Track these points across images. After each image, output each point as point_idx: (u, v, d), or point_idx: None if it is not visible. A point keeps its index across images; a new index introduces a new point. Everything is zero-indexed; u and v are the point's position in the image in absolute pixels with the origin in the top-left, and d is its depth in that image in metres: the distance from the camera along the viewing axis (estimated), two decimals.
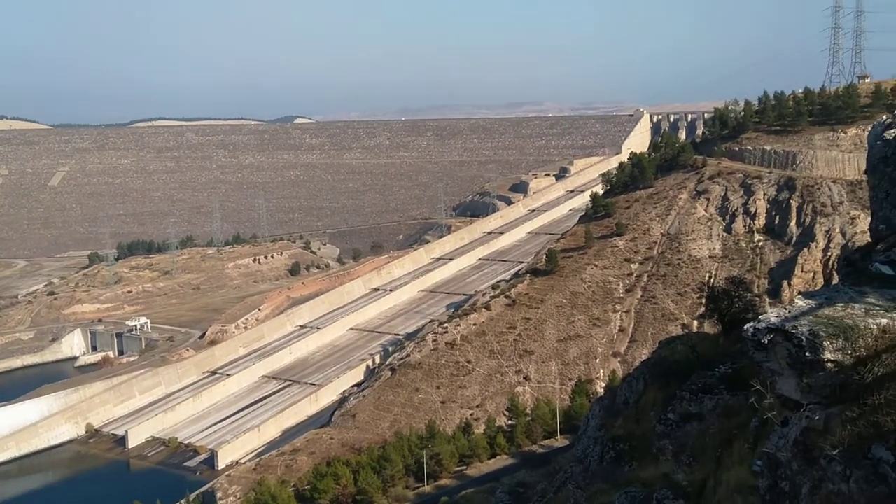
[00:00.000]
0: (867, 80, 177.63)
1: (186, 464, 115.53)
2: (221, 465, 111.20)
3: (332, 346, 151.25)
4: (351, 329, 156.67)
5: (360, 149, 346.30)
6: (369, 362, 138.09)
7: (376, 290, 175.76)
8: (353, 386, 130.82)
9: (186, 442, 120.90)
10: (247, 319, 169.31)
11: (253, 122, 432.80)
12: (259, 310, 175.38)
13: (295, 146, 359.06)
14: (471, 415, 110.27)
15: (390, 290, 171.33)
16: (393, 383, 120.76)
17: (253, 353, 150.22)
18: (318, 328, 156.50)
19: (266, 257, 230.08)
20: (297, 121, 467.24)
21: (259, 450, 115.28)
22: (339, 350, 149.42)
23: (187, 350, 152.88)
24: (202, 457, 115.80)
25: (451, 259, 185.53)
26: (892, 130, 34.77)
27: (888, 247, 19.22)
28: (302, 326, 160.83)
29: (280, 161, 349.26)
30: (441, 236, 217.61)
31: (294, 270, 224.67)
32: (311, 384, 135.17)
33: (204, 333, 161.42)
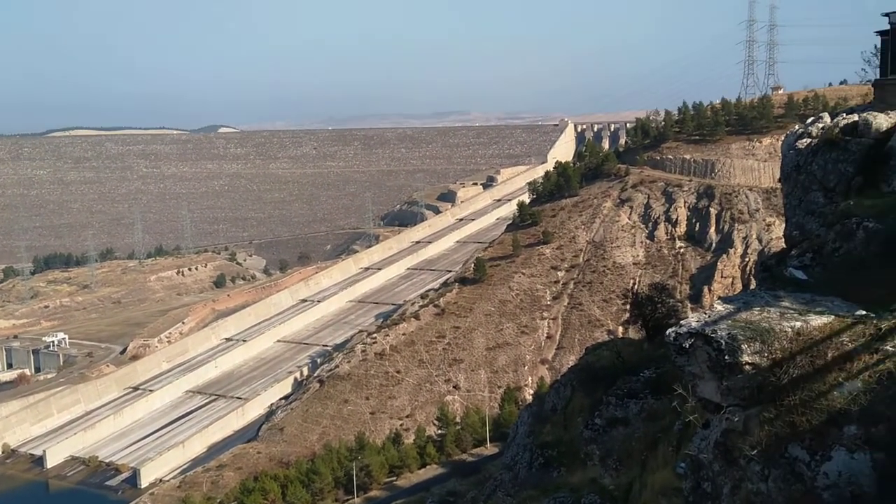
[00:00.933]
0: (780, 91, 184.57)
1: (108, 483, 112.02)
2: (144, 483, 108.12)
3: (259, 359, 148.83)
4: (278, 341, 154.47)
5: (286, 158, 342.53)
6: (297, 374, 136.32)
7: (304, 301, 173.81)
8: (280, 399, 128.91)
9: (108, 460, 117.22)
10: (170, 333, 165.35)
11: (175, 132, 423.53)
12: (183, 323, 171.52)
13: (219, 156, 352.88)
14: (400, 425, 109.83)
15: (318, 301, 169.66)
16: (321, 395, 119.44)
17: (177, 367, 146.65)
18: (245, 341, 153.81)
19: (190, 269, 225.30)
20: (221, 130, 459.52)
21: (183, 466, 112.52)
22: (266, 363, 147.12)
23: (108, 366, 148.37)
24: (124, 475, 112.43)
25: (379, 269, 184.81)
26: (804, 140, 36.00)
27: (801, 252, 19.87)
28: (228, 339, 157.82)
29: (204, 171, 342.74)
30: (369, 246, 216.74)
31: (219, 282, 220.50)
32: (237, 398, 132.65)
33: (125, 348, 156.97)
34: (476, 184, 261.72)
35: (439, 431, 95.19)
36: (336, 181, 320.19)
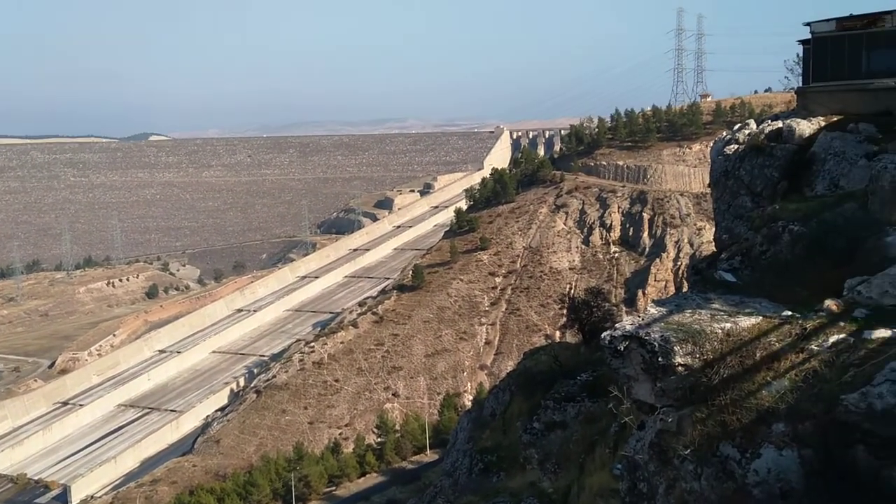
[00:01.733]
0: (709, 99, 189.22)
1: (37, 501, 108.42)
2: (75, 500, 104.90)
3: (194, 371, 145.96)
4: (214, 352, 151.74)
5: (220, 166, 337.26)
6: (233, 385, 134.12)
7: (240, 310, 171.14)
8: (216, 410, 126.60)
9: (36, 478, 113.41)
10: (101, 346, 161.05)
11: (104, 140, 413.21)
12: (114, 335, 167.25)
13: (150, 164, 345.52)
14: (339, 434, 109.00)
15: (254, 311, 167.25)
16: (259, 406, 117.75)
17: (108, 380, 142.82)
18: (179, 352, 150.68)
19: (121, 280, 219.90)
20: (153, 138, 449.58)
21: (116, 482, 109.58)
22: (201, 374, 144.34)
23: (35, 380, 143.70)
24: (54, 493, 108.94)
25: (316, 277, 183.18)
26: (732, 146, 36.86)
27: (731, 255, 20.37)
28: (161, 351, 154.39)
29: (134, 180, 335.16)
30: (306, 254, 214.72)
31: (151, 293, 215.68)
32: (171, 411, 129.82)
33: (53, 362, 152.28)
34: (413, 191, 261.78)
35: (379, 439, 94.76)
36: (271, 189, 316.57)
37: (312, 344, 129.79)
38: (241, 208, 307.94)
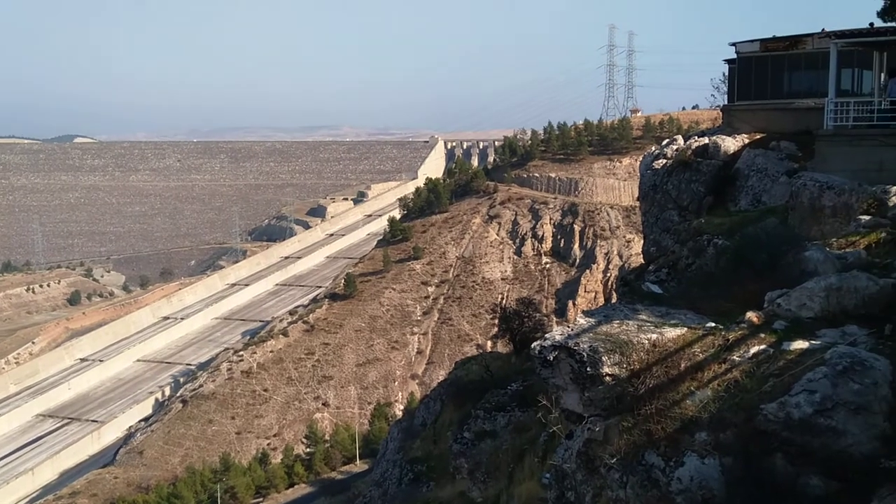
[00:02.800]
0: (638, 114, 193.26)
1: None
2: None
3: (118, 380, 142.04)
4: (138, 360, 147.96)
5: (148, 171, 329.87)
6: (158, 395, 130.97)
7: (166, 318, 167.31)
8: (140, 421, 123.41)
9: None
10: (19, 354, 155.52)
11: (26, 141, 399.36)
12: (33, 343, 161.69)
13: (75, 167, 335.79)
14: (268, 444, 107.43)
15: (181, 319, 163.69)
16: (184, 416, 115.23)
17: (26, 390, 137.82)
18: (102, 361, 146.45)
19: (41, 286, 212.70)
20: (78, 140, 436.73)
21: (33, 495, 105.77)
22: (124, 383, 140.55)
23: None
24: None
25: (246, 285, 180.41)
26: (660, 161, 37.62)
27: (658, 267, 20.80)
28: (83, 359, 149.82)
29: (58, 183, 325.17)
30: (236, 261, 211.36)
31: (74, 300, 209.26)
32: (92, 421, 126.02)
33: None
34: (347, 199, 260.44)
35: (308, 450, 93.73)
36: (201, 195, 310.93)
37: (241, 353, 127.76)
38: (170, 214, 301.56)
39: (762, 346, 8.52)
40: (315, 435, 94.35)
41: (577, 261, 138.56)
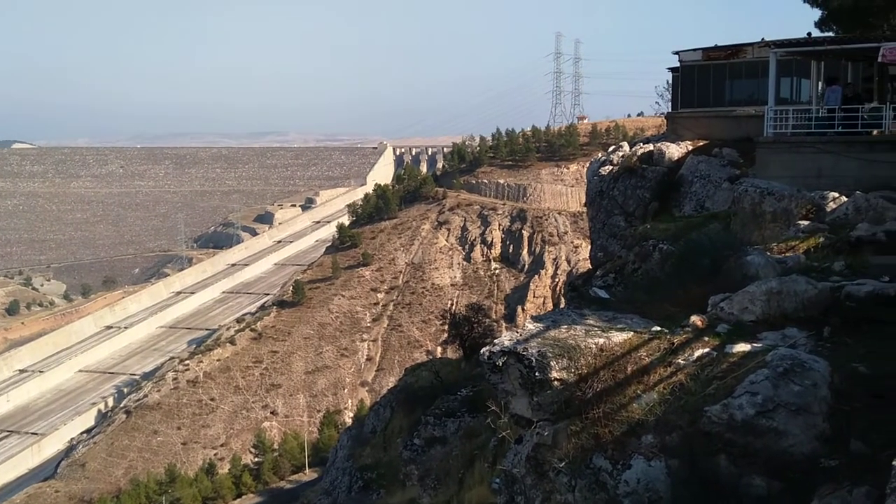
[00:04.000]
0: (585, 121, 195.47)
1: None
2: None
3: (59, 391, 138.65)
4: (80, 371, 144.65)
5: (90, 177, 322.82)
6: (101, 406, 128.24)
7: (109, 327, 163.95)
8: (82, 433, 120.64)
9: None
10: None
11: None
12: None
13: (13, 173, 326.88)
14: (215, 454, 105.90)
15: (125, 328, 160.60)
16: (129, 427, 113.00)
17: None
18: (42, 371, 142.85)
19: None
20: (16, 146, 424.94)
21: None
22: (66, 394, 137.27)
23: None
24: None
25: (192, 293, 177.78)
26: (607, 167, 38.15)
27: (605, 273, 21.06)
28: (22, 370, 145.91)
29: None
30: (182, 269, 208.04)
31: (12, 309, 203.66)
32: (32, 433, 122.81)
33: None
34: (295, 205, 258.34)
35: (256, 459, 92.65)
36: (145, 201, 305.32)
37: (187, 362, 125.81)
38: (113, 221, 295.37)
39: (706, 350, 8.67)
40: (263, 444, 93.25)
41: (526, 266, 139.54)
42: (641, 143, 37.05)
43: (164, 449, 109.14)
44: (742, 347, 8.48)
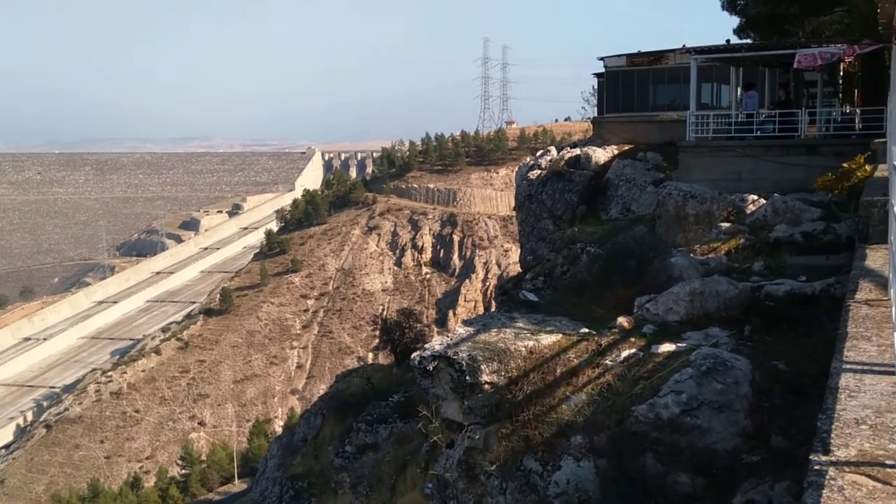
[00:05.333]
0: (513, 126, 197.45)
1: None
2: None
3: None
4: None
5: (5, 184, 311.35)
6: (20, 420, 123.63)
7: (27, 339, 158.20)
8: (0, 448, 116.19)
9: None
10: None
11: None
12: None
13: None
14: (140, 468, 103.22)
15: (44, 339, 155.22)
16: (49, 441, 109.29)
17: None
18: None
19: None
20: None
21: None
22: None
23: None
24: None
25: (115, 302, 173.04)
26: (535, 171, 38.47)
27: (534, 276, 21.21)
28: None
29: None
30: (104, 278, 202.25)
31: None
32: None
33: None
34: (221, 212, 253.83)
35: (183, 471, 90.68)
36: (64, 209, 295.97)
37: (110, 373, 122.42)
38: (30, 229, 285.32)
39: (633, 350, 8.81)
40: (190, 456, 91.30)
41: (457, 271, 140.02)
42: (569, 148, 37.59)
43: (86, 463, 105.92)
44: (667, 347, 8.64)
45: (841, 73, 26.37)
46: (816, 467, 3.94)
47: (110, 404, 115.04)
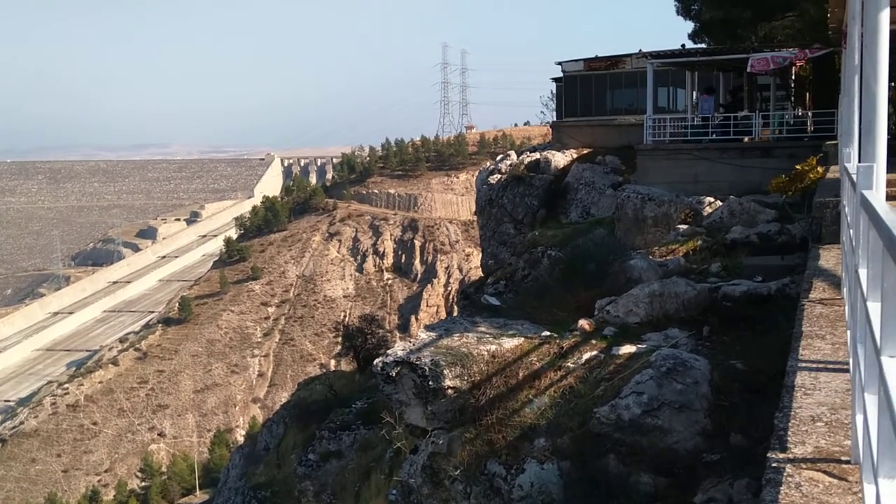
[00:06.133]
0: (473, 131, 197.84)
1: None
2: None
3: None
4: None
5: None
6: None
7: None
8: None
9: None
10: None
11: None
12: None
13: None
14: (99, 481, 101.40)
15: None
16: (4, 456, 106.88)
17: None
18: None
19: None
20: None
21: None
22: None
23: None
24: None
25: (71, 313, 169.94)
26: (496, 176, 38.60)
27: (496, 280, 21.26)
28: None
29: None
30: (59, 288, 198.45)
31: None
32: None
33: None
34: (179, 219, 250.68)
35: (143, 484, 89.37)
36: (17, 218, 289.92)
37: (66, 385, 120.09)
38: None
39: (594, 352, 8.88)
40: (150, 467, 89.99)
41: (419, 276, 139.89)
42: (528, 152, 37.78)
43: (43, 478, 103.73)
44: (628, 349, 8.72)
45: (793, 77, 26.89)
46: (774, 464, 4.00)
47: (67, 417, 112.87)
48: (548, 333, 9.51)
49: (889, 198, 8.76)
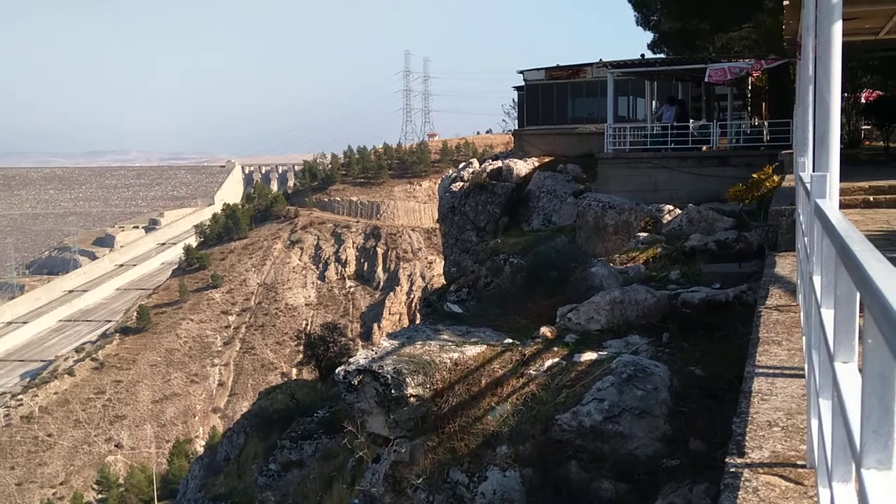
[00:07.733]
0: (436, 138, 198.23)
1: None
2: None
3: None
4: None
5: None
6: None
7: None
8: None
9: None
10: None
11: None
12: None
13: None
14: (54, 494, 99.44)
15: None
16: None
17: None
18: None
19: None
20: None
21: None
22: None
23: None
24: None
25: (25, 322, 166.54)
26: (458, 184, 38.72)
27: (458, 287, 21.30)
28: None
29: None
30: (12, 298, 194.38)
31: None
32: None
33: None
34: (137, 227, 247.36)
35: (100, 496, 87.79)
36: None
37: (20, 396, 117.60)
38: None
39: (556, 360, 8.93)
40: (107, 479, 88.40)
41: (381, 283, 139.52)
42: (490, 160, 37.94)
43: None
44: (589, 356, 8.79)
45: (749, 87, 27.39)
46: (732, 469, 4.06)
47: (21, 429, 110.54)
48: (510, 341, 9.54)
49: (842, 206, 8.96)
